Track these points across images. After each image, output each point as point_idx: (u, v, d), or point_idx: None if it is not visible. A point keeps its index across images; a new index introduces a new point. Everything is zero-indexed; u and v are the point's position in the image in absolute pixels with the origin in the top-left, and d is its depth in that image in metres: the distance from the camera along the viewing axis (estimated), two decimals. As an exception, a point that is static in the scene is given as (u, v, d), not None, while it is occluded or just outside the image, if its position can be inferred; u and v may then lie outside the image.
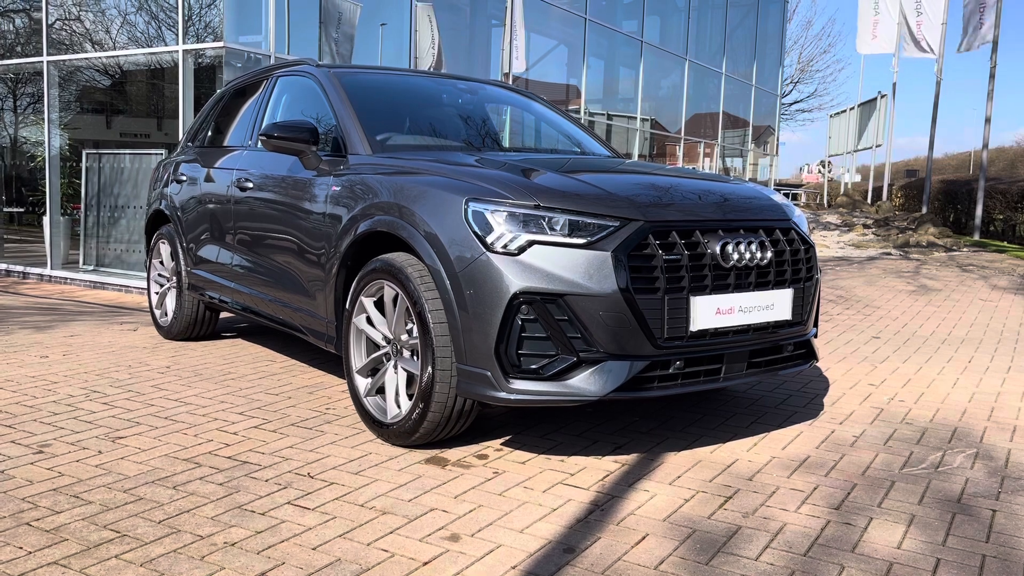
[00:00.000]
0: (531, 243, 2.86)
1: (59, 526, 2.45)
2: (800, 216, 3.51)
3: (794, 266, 3.29)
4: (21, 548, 2.31)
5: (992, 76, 16.49)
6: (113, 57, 9.20)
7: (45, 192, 8.98)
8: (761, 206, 3.36)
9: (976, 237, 15.84)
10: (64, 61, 8.95)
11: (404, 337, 3.23)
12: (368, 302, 3.37)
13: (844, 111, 30.29)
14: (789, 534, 2.51)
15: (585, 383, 2.85)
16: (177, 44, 7.80)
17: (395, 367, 3.27)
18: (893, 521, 2.62)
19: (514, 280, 2.83)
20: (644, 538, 2.46)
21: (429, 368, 3.01)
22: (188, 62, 7.76)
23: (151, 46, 9.03)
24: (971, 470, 3.12)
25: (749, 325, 3.12)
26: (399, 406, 3.23)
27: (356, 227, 3.43)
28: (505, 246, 2.87)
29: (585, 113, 14.10)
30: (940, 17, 19.07)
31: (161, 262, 5.52)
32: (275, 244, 4.16)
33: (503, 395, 2.87)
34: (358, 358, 3.44)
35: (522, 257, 2.85)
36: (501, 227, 2.89)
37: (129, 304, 7.13)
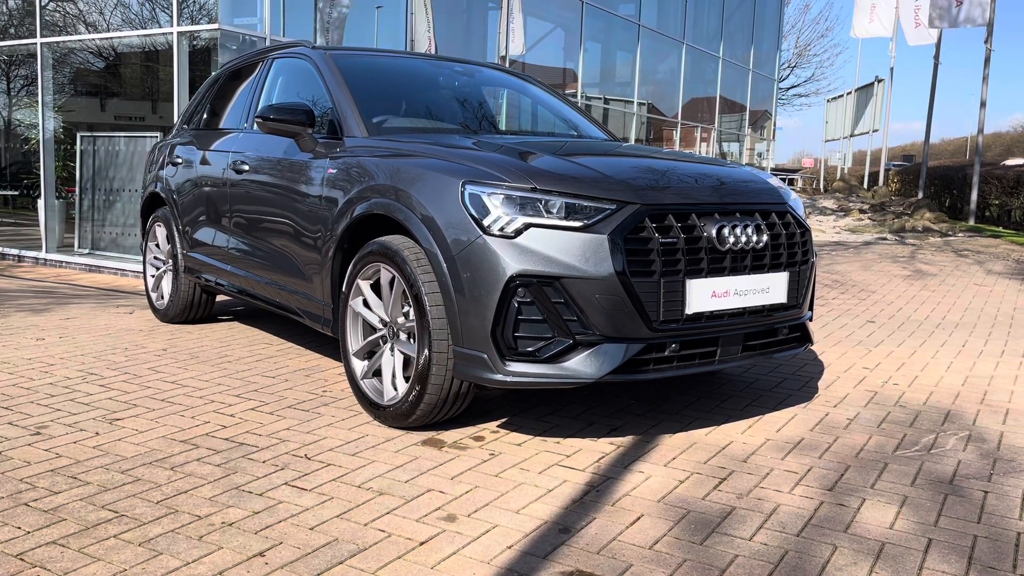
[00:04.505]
0: (528, 226, 2.86)
1: (57, 506, 2.46)
2: (796, 200, 3.52)
3: (790, 249, 3.30)
4: (20, 528, 2.32)
5: (987, 60, 16.47)
6: (107, 39, 9.14)
7: (40, 175, 8.95)
8: (757, 189, 3.36)
9: (971, 222, 15.87)
10: (58, 43, 8.89)
11: (401, 320, 3.23)
12: (365, 285, 3.38)
13: (841, 96, 30.26)
14: (783, 515, 2.53)
15: (581, 365, 2.86)
16: (172, 26, 7.75)
17: (392, 350, 3.28)
18: (886, 502, 2.65)
19: (511, 263, 2.84)
20: (639, 518, 2.48)
21: (426, 351, 3.02)
22: (183, 44, 7.71)
23: (145, 28, 8.97)
24: (963, 452, 3.15)
25: (744, 308, 3.13)
26: (396, 388, 3.24)
27: (352, 210, 3.43)
28: (502, 229, 2.87)
29: (582, 97, 14.05)
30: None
31: (157, 245, 5.51)
32: (271, 227, 4.16)
33: (499, 377, 2.88)
34: (355, 341, 3.45)
35: (519, 240, 2.86)
36: (498, 210, 2.89)
37: (125, 287, 7.12)
